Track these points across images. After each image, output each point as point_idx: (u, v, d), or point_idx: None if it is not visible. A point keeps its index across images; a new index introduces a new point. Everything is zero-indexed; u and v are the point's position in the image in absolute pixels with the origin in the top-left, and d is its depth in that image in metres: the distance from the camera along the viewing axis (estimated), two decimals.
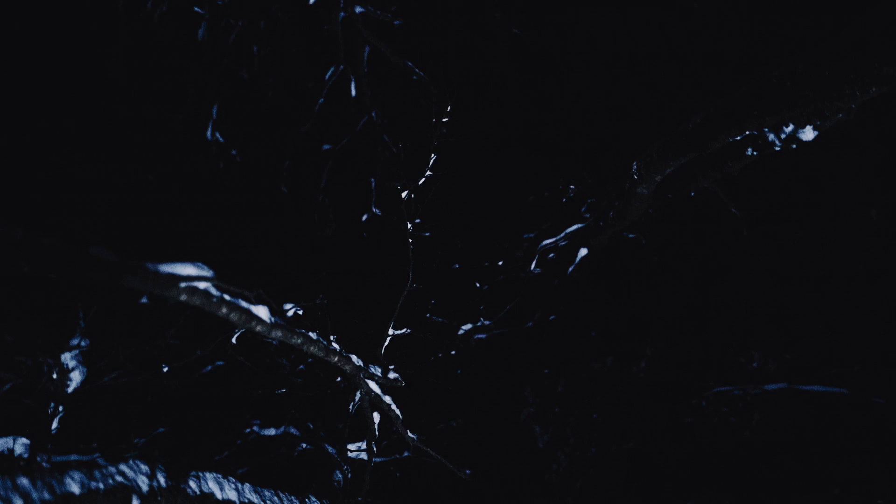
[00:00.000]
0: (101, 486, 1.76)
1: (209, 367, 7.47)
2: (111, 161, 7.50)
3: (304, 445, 6.84)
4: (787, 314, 7.33)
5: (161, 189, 7.99)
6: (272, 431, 6.18)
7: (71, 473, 1.70)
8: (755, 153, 2.98)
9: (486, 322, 7.14)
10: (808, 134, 2.46)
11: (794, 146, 2.59)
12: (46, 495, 1.55)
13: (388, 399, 3.00)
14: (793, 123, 2.41)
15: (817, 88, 2.04)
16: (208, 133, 8.30)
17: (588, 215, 6.07)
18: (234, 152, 8.62)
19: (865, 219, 7.24)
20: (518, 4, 7.53)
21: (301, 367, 7.41)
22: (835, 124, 2.45)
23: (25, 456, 2.02)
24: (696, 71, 6.88)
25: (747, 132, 2.48)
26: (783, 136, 2.51)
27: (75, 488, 1.67)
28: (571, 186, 6.65)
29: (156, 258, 1.58)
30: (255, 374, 7.12)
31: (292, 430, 5.71)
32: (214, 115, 8.29)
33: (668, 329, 7.93)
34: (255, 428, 6.35)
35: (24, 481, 1.53)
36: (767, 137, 2.59)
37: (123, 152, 7.66)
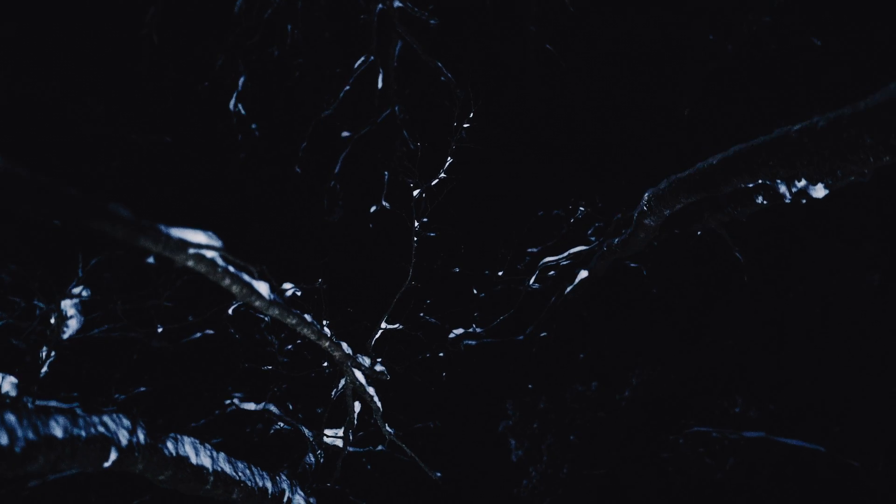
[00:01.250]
0: (84, 433, 1.80)
1: (198, 335, 7.51)
2: (130, 117, 7.56)
3: (281, 425, 6.85)
4: (777, 365, 7.34)
5: (176, 152, 8.04)
6: (252, 406, 6.19)
7: (56, 417, 1.73)
8: (765, 202, 3.01)
9: (478, 329, 7.17)
10: (819, 191, 2.50)
11: (804, 201, 2.63)
12: (31, 435, 1.59)
13: (371, 390, 3.04)
14: (805, 179, 2.44)
15: (833, 148, 2.08)
16: (231, 104, 8.35)
17: (593, 239, 6.11)
18: (253, 126, 8.67)
19: (868, 282, 7.25)
20: (554, 21, 7.57)
21: (289, 347, 7.44)
22: (847, 185, 2.48)
23: (13, 395, 2.06)
24: (722, 102, 6.92)
25: (760, 181, 2.51)
26: (794, 189, 2.55)
27: (58, 432, 1.70)
28: (581, 208, 6.68)
29: (164, 221, 1.62)
30: (243, 348, 7.16)
31: (272, 408, 5.73)
32: (240, 88, 8.33)
33: (657, 362, 7.94)
34: (236, 400, 6.37)
35: (11, 418, 1.57)
36: (779, 189, 2.63)
37: (144, 111, 7.72)
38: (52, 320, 2.20)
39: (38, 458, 1.57)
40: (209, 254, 1.55)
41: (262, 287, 1.82)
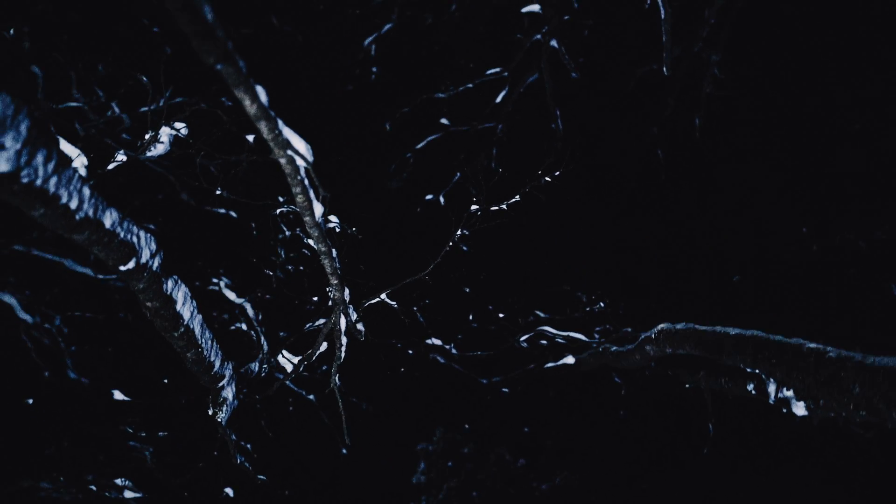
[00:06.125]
0: (122, 234, 2.06)
1: (222, 211, 7.85)
2: (279, 11, 7.99)
3: (244, 327, 7.12)
4: None
5: (299, 55, 8.46)
6: (231, 296, 6.45)
7: (112, 210, 2.00)
8: (753, 392, 3.14)
9: (454, 351, 7.35)
10: (800, 409, 2.63)
11: (785, 410, 2.75)
12: (91, 212, 1.86)
13: (344, 340, 3.26)
14: (793, 391, 2.58)
15: (827, 379, 2.23)
16: (367, 41, 8.76)
17: (596, 336, 6.25)
18: (374, 69, 9.07)
19: None
20: (676, 135, 7.75)
21: (290, 267, 7.72)
22: (825, 417, 2.61)
23: (82, 173, 2.34)
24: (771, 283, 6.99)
25: (757, 370, 2.66)
26: (780, 395, 2.68)
27: (108, 222, 1.97)
28: (601, 304, 6.82)
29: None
30: (253, 244, 7.48)
31: (247, 307, 5.98)
32: (382, 31, 8.73)
33: (589, 476, 7.98)
34: (222, 283, 6.65)
35: (87, 191, 1.84)
36: (768, 387, 2.76)
37: (291, 7, 8.14)
38: (147, 136, 2.48)
39: (84, 232, 1.83)
40: (300, 161, 1.79)
41: (318, 209, 2.06)
